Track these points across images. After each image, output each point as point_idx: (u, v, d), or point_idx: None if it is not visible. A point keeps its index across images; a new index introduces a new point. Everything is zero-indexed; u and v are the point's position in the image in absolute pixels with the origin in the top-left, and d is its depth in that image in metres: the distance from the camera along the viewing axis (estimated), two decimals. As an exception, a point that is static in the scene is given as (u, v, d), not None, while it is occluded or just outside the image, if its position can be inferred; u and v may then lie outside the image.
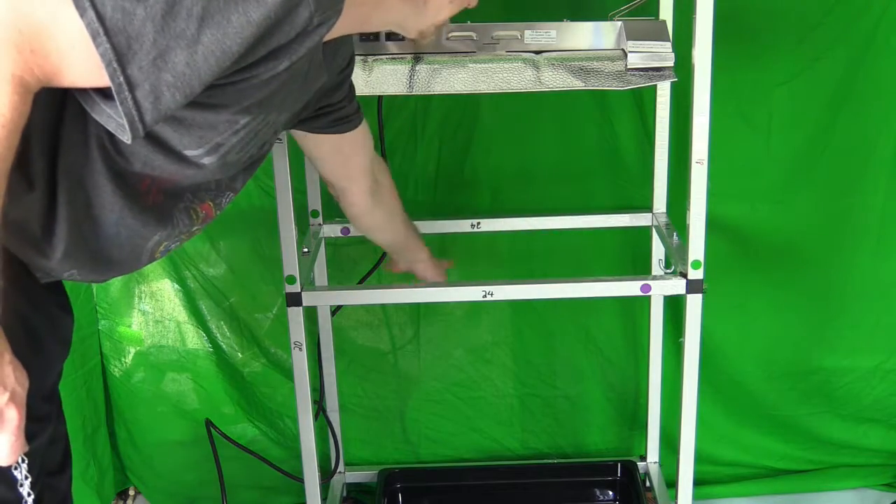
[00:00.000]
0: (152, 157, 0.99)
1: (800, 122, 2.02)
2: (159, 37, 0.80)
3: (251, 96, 0.94)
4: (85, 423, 2.06)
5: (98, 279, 1.13)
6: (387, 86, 1.59)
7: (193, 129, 0.96)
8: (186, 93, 0.83)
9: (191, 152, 0.99)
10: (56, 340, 1.18)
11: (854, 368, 2.19)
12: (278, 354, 2.18)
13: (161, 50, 0.81)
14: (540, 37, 1.60)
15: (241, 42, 0.83)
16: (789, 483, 2.20)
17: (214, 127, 0.96)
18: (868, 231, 2.09)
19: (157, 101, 0.83)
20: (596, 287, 1.77)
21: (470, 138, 2.05)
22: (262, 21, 0.83)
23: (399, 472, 2.17)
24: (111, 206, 1.02)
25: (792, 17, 1.95)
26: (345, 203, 1.62)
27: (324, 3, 0.87)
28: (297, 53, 0.90)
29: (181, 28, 0.80)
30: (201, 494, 2.20)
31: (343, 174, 1.56)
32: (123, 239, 1.05)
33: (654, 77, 1.56)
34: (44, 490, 1.22)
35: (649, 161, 1.97)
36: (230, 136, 0.98)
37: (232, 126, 0.97)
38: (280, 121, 1.10)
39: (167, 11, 0.80)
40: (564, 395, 2.23)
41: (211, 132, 0.97)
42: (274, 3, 0.83)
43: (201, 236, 2.08)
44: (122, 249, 1.07)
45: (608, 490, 2.18)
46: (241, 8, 0.82)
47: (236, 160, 1.05)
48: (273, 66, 0.90)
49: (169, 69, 0.81)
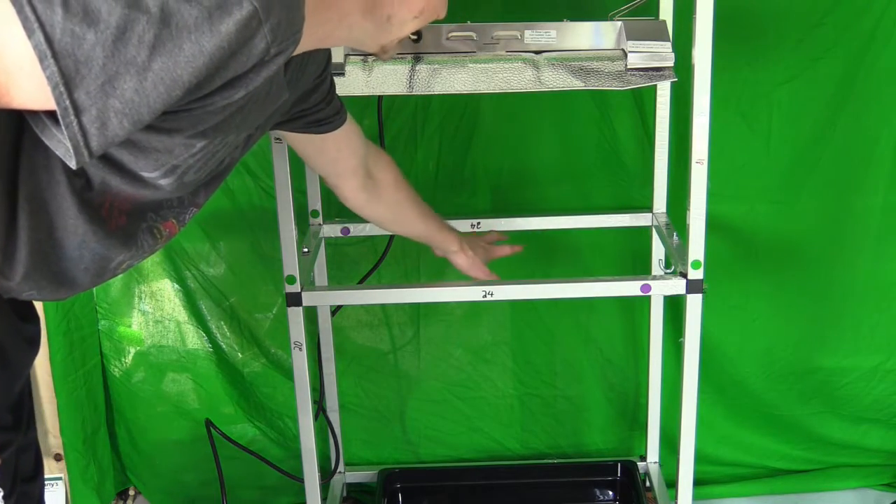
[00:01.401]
0: (108, 179, 0.99)
1: (800, 122, 2.02)
2: (109, 62, 0.79)
3: (207, 122, 0.93)
4: (85, 423, 2.06)
5: (58, 298, 1.11)
6: (387, 86, 1.59)
7: (149, 152, 0.95)
8: (134, 120, 0.82)
9: (147, 174, 0.98)
10: (21, 349, 1.16)
11: (854, 368, 2.19)
12: (278, 354, 2.18)
13: (110, 75, 0.79)
14: (540, 37, 1.60)
15: (191, 71, 0.82)
16: (789, 483, 2.20)
17: (170, 150, 0.96)
18: (868, 231, 2.09)
19: (104, 128, 0.81)
20: (596, 287, 1.77)
21: (470, 138, 2.05)
22: (215, 51, 0.82)
23: (399, 472, 2.17)
24: (74, 230, 1.01)
25: (792, 17, 1.95)
26: (341, 197, 1.61)
27: (280, 34, 0.87)
28: (254, 83, 0.89)
29: (132, 55, 0.79)
30: (201, 494, 2.20)
31: (332, 171, 1.56)
32: (87, 261, 1.04)
33: (654, 77, 1.56)
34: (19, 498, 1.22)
35: (649, 161, 1.97)
36: (187, 158, 0.98)
37: (188, 149, 0.97)
38: (240, 139, 1.09)
39: (118, 37, 0.79)
40: (564, 395, 2.23)
41: (166, 156, 0.96)
42: (228, 33, 0.82)
43: (201, 236, 2.08)
44: (87, 272, 1.06)
45: (608, 490, 2.18)
46: (195, 37, 0.81)
47: (194, 179, 1.04)
48: (229, 94, 0.89)
49: (117, 95, 0.80)
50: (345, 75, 1.58)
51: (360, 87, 1.57)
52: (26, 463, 1.30)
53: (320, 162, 1.54)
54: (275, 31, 0.86)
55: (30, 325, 1.19)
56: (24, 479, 1.28)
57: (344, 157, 1.51)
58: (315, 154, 1.51)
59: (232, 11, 0.82)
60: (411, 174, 2.06)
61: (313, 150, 1.49)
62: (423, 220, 1.73)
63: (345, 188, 1.57)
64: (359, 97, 1.61)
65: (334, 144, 1.46)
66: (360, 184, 1.57)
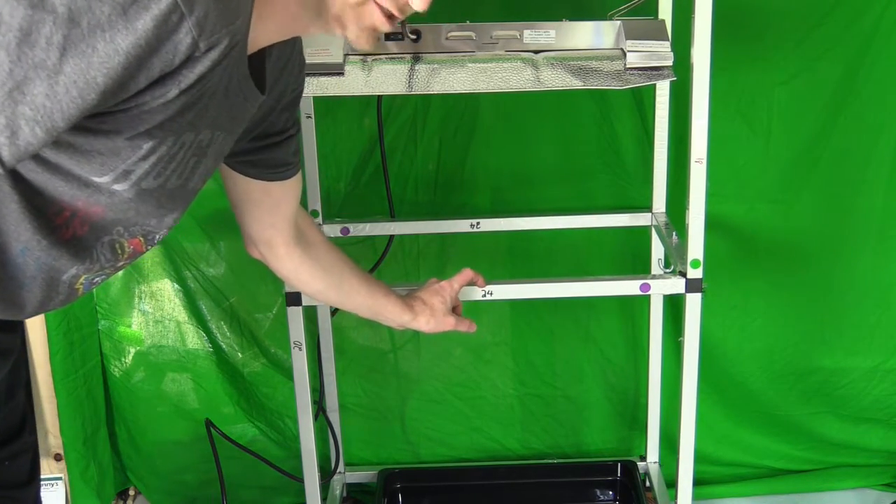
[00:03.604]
0: (55, 184, 0.92)
1: (800, 122, 2.02)
2: (16, 67, 0.75)
3: (147, 122, 0.88)
4: (85, 423, 2.06)
5: (19, 315, 1.04)
6: (386, 86, 1.59)
7: (92, 155, 0.90)
8: (48, 127, 0.78)
9: (97, 179, 0.93)
10: None
11: (854, 368, 2.19)
12: (278, 354, 2.18)
13: (18, 81, 0.75)
14: (539, 36, 1.60)
15: (106, 73, 0.77)
16: (789, 483, 2.20)
17: (115, 153, 0.90)
18: (868, 231, 2.09)
19: (15, 137, 0.77)
20: (596, 287, 1.77)
21: (470, 138, 2.05)
22: (132, 50, 0.78)
23: (399, 472, 2.17)
24: (17, 235, 0.95)
25: (792, 17, 1.95)
26: (273, 259, 1.40)
27: (209, 27, 0.82)
28: (188, 80, 0.85)
29: (40, 58, 0.75)
30: (201, 494, 2.20)
31: (269, 221, 1.36)
32: (33, 269, 0.98)
33: (653, 76, 1.56)
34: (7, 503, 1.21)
35: (649, 161, 1.97)
36: (137, 162, 0.92)
37: (135, 151, 0.91)
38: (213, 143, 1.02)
39: (22, 39, 0.74)
40: (564, 395, 2.23)
41: (113, 159, 0.91)
42: (144, 30, 0.77)
43: (201, 236, 2.08)
44: (35, 280, 1.00)
45: (608, 490, 2.18)
46: (108, 35, 0.76)
47: (156, 186, 0.97)
48: (161, 93, 0.85)
49: (27, 102, 0.76)
50: (344, 75, 1.58)
51: (360, 87, 1.57)
52: (19, 468, 1.28)
53: (262, 208, 1.34)
54: (201, 24, 0.81)
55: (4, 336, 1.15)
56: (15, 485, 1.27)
57: (287, 202, 1.34)
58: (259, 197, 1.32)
59: (149, 6, 0.77)
60: (411, 174, 2.06)
61: (259, 192, 1.31)
62: (368, 286, 1.51)
63: (278, 242, 1.38)
64: (359, 97, 1.61)
65: (281, 188, 1.31)
66: (293, 236, 1.39)
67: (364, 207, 2.06)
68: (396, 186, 2.03)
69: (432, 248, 2.12)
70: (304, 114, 1.87)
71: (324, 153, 1.98)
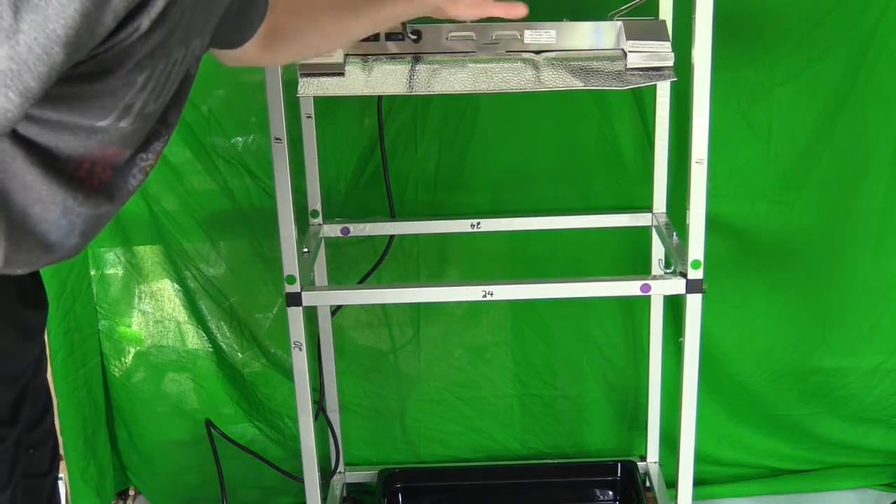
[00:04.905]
0: (63, 140, 0.92)
1: (800, 122, 2.02)
2: None
3: (132, 56, 0.86)
4: (85, 424, 2.06)
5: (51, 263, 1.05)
6: (386, 86, 1.59)
7: (91, 101, 0.89)
8: (20, 90, 0.75)
9: (102, 123, 0.92)
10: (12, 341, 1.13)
11: (854, 368, 2.19)
12: (278, 354, 2.18)
13: None
14: (540, 37, 1.60)
15: (65, 22, 0.74)
16: (789, 483, 2.20)
17: (112, 93, 0.89)
18: (868, 231, 2.09)
19: None
20: (596, 287, 1.77)
21: (470, 138, 2.05)
22: None
23: (399, 472, 2.16)
24: (52, 199, 0.95)
25: (792, 17, 1.95)
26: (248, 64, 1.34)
27: None
28: (156, 8, 0.82)
29: None
30: (201, 494, 2.20)
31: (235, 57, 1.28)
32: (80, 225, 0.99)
33: (654, 77, 1.56)
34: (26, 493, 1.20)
35: (649, 161, 1.97)
36: (135, 94, 0.91)
37: (131, 86, 0.90)
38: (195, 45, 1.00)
39: None
40: (564, 395, 2.23)
41: (111, 99, 0.90)
42: None
43: (201, 236, 2.08)
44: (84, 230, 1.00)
45: (608, 490, 2.18)
46: None
47: (157, 108, 0.97)
48: (134, 27, 0.82)
49: None
50: (344, 75, 1.58)
51: (360, 87, 1.57)
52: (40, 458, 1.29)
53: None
54: None
55: (32, 314, 1.16)
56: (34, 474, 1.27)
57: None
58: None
59: None
60: (411, 174, 2.06)
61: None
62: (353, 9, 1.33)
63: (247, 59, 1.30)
64: (359, 97, 1.61)
65: None
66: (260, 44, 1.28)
67: (364, 207, 2.06)
68: (396, 186, 2.03)
69: (432, 248, 2.12)
70: (305, 114, 1.87)
71: (324, 153, 1.98)
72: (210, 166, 2.03)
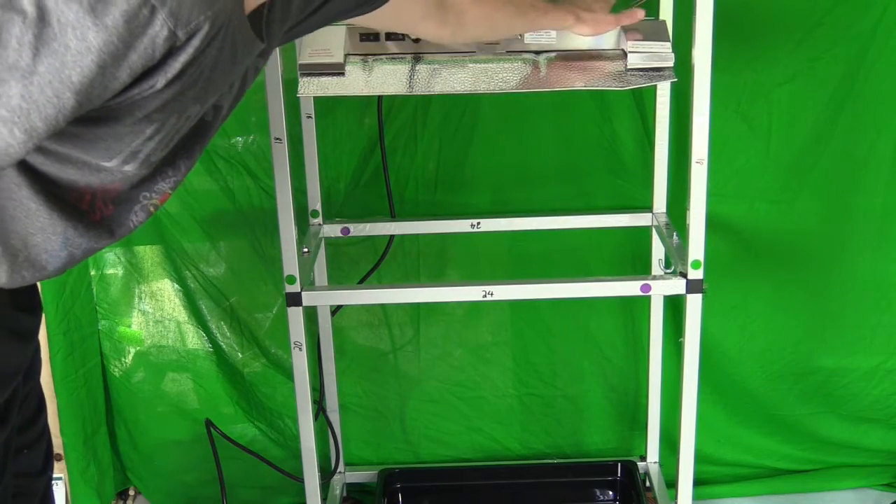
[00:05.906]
0: (67, 172, 0.94)
1: (800, 122, 2.02)
2: None
3: (143, 108, 0.88)
4: (85, 424, 2.06)
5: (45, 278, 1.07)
6: (387, 86, 1.59)
7: (95, 142, 0.90)
8: (26, 128, 0.77)
9: (106, 164, 0.94)
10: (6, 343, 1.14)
11: (854, 368, 2.19)
12: (278, 354, 2.18)
13: None
14: (540, 37, 1.60)
15: (80, 71, 0.76)
16: (789, 483, 2.20)
17: (119, 138, 0.91)
18: (868, 231, 2.09)
19: None
20: (596, 287, 1.77)
21: (470, 138, 2.05)
22: (104, 47, 0.77)
23: (399, 472, 2.17)
24: (52, 230, 0.97)
25: (792, 17, 1.95)
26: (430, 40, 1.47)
27: (184, 16, 0.80)
28: (173, 70, 0.83)
29: (13, 59, 0.75)
30: (201, 494, 2.20)
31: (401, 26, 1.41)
32: (79, 255, 1.01)
33: (654, 77, 1.56)
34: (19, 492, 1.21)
35: (649, 161, 1.97)
36: (143, 143, 0.92)
37: (139, 136, 0.91)
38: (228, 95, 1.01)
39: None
40: (564, 395, 2.23)
41: (117, 143, 0.91)
42: (115, 26, 0.76)
43: (201, 236, 2.08)
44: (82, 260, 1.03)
45: (608, 490, 2.18)
46: (80, 33, 0.75)
47: (162, 157, 0.98)
48: (149, 85, 0.84)
49: (3, 104, 0.76)
50: (345, 75, 1.58)
51: (360, 87, 1.57)
52: (33, 458, 1.29)
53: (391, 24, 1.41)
54: (175, 14, 0.79)
55: (26, 317, 1.16)
56: (28, 474, 1.27)
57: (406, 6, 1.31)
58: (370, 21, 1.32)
59: (116, 1, 0.76)
60: (411, 174, 2.06)
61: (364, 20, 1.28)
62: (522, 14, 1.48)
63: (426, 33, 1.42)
64: (359, 97, 1.61)
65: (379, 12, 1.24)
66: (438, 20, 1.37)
67: (364, 207, 2.06)
68: (396, 186, 2.03)
69: (432, 248, 2.12)
70: (305, 114, 1.87)
71: (324, 153, 1.98)
72: (210, 166, 2.03)
